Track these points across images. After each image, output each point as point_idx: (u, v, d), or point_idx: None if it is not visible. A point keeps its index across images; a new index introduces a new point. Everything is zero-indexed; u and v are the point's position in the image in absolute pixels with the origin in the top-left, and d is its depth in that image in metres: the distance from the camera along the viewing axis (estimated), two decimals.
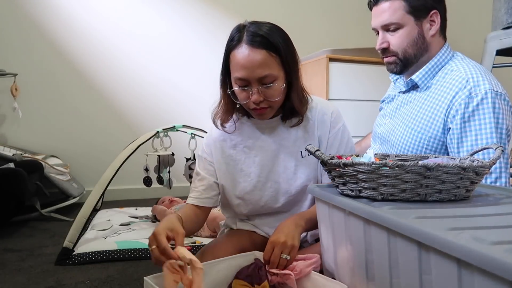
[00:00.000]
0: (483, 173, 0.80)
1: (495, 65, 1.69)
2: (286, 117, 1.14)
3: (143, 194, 2.68)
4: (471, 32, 3.06)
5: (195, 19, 2.89)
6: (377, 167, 0.78)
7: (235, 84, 1.05)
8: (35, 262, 1.45)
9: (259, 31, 1.01)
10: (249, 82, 1.02)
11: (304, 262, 0.96)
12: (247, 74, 1.00)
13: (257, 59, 0.99)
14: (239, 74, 1.01)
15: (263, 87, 1.02)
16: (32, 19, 2.53)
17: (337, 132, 1.16)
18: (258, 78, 1.01)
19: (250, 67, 1.00)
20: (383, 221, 0.70)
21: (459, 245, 0.53)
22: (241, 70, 1.01)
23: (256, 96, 1.02)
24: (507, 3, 1.61)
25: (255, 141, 1.17)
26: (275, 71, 1.02)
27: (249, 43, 1.00)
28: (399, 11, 1.20)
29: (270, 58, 1.00)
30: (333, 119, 1.16)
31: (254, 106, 1.04)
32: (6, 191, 1.84)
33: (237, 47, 1.02)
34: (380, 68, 2.73)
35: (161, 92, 2.82)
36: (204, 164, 1.19)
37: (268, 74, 1.01)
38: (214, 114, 1.16)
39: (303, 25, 3.14)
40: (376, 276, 0.76)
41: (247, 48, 1.00)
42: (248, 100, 1.04)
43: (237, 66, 1.02)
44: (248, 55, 0.99)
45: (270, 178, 1.16)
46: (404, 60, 1.25)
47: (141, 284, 0.99)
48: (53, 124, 2.59)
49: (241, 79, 1.02)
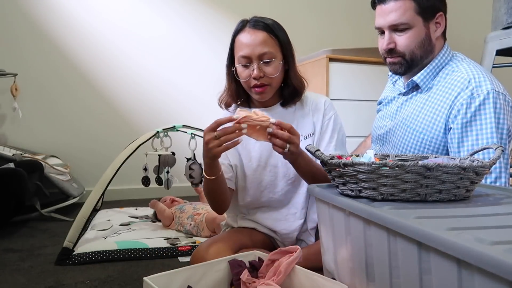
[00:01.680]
0: (483, 173, 0.80)
1: (495, 65, 1.69)
2: (286, 103, 1.25)
3: (143, 194, 2.68)
4: (471, 32, 3.06)
5: (195, 19, 2.89)
6: (377, 167, 0.78)
7: (239, 64, 1.17)
8: (35, 262, 1.45)
9: (261, 19, 1.18)
10: (251, 59, 1.15)
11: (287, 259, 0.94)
12: (249, 51, 1.14)
13: (258, 38, 1.14)
14: (242, 52, 1.15)
15: (263, 64, 1.14)
16: (32, 19, 2.53)
17: (330, 118, 1.26)
18: (259, 55, 1.14)
19: (252, 45, 1.14)
20: (383, 221, 0.70)
21: (459, 245, 0.53)
22: (244, 48, 1.14)
23: (257, 71, 1.13)
24: (507, 3, 1.61)
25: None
26: (274, 50, 1.15)
27: (252, 27, 1.16)
28: (409, 11, 1.18)
29: (269, 38, 1.15)
30: (326, 106, 1.27)
31: (255, 82, 1.15)
32: (6, 191, 1.84)
33: (241, 31, 1.17)
34: (380, 68, 2.73)
35: (161, 92, 2.82)
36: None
37: (268, 51, 1.14)
38: (220, 98, 1.29)
39: (303, 25, 3.14)
40: (376, 276, 0.76)
41: (249, 30, 1.16)
42: (249, 78, 1.15)
43: (241, 46, 1.16)
44: (250, 35, 1.15)
45: (269, 162, 1.24)
46: (410, 61, 1.23)
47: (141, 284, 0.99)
48: (53, 124, 2.59)
49: (244, 57, 1.15)
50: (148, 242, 1.59)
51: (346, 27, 3.26)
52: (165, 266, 1.42)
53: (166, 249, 1.54)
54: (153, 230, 1.82)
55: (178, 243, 1.60)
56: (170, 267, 1.11)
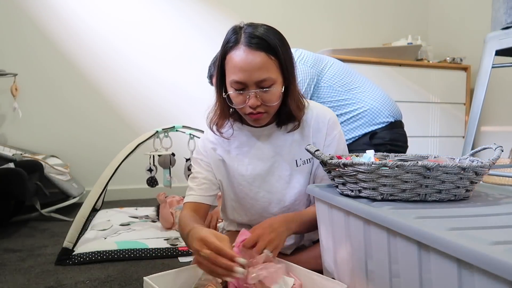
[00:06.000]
0: (483, 173, 0.80)
1: (495, 65, 1.69)
2: (282, 123, 1.10)
3: (143, 194, 2.68)
4: (471, 32, 3.06)
5: (195, 19, 2.89)
6: (377, 167, 0.78)
7: (231, 88, 1.00)
8: (35, 262, 1.45)
9: (256, 33, 0.97)
10: (247, 85, 0.97)
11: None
12: (245, 77, 0.96)
13: (256, 61, 0.95)
14: (236, 77, 0.97)
15: (261, 91, 0.97)
16: (32, 19, 2.52)
17: (332, 139, 1.12)
18: (256, 82, 0.96)
19: (248, 70, 0.95)
20: (383, 221, 0.70)
21: (459, 245, 0.53)
22: (238, 72, 0.96)
23: (253, 100, 0.97)
24: (506, 3, 1.61)
25: (250, 149, 1.13)
26: (274, 75, 0.98)
27: (247, 45, 0.95)
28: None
29: (269, 61, 0.96)
30: (329, 125, 1.12)
31: (250, 110, 1.00)
32: (6, 191, 1.84)
33: (234, 49, 0.97)
34: (380, 68, 2.74)
35: (161, 92, 2.82)
36: (200, 164, 1.16)
37: (267, 77, 0.96)
38: (209, 119, 1.12)
39: (303, 26, 3.13)
40: (376, 276, 0.76)
41: (245, 50, 0.95)
42: (245, 105, 0.99)
43: (234, 69, 0.97)
44: (246, 57, 0.95)
45: (263, 187, 1.13)
46: None
47: (141, 284, 0.99)
48: (53, 124, 2.59)
49: (238, 82, 0.97)
50: (148, 242, 1.59)
51: (346, 27, 3.26)
52: (165, 266, 1.42)
53: (166, 249, 1.54)
54: (153, 230, 1.82)
55: (178, 243, 1.60)
56: (170, 267, 1.11)
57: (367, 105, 1.64)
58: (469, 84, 2.94)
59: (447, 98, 2.93)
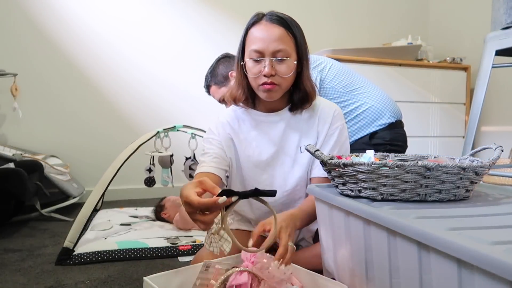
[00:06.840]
0: (483, 173, 0.80)
1: (495, 65, 1.69)
2: (295, 107, 1.16)
3: (143, 194, 2.68)
4: (471, 32, 3.06)
5: (195, 19, 2.89)
6: (377, 167, 0.78)
7: (249, 59, 1.08)
8: (35, 262, 1.45)
9: (277, 13, 1.10)
10: (263, 54, 1.06)
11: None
12: (263, 46, 1.05)
13: (274, 33, 1.05)
14: (255, 46, 1.06)
15: (276, 61, 1.05)
16: (32, 19, 2.52)
17: (335, 129, 1.18)
18: (273, 51, 1.05)
19: (266, 39, 1.05)
20: (383, 221, 0.70)
21: (459, 245, 0.53)
22: (258, 42, 1.05)
23: (269, 68, 1.05)
24: (506, 3, 1.61)
25: (258, 133, 1.19)
26: (289, 49, 1.07)
27: (268, 20, 1.07)
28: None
29: (286, 35, 1.07)
30: (334, 116, 1.18)
31: (264, 80, 1.06)
32: (6, 191, 1.84)
33: (256, 24, 1.08)
34: (380, 68, 2.74)
35: (161, 92, 2.82)
36: (212, 143, 1.19)
37: (283, 48, 1.05)
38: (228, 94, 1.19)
39: (303, 26, 3.11)
40: (376, 276, 0.76)
41: (265, 24, 1.07)
42: (260, 74, 1.06)
43: (254, 39, 1.07)
44: (266, 28, 1.06)
45: (266, 171, 1.19)
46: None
47: (141, 284, 0.99)
48: (53, 124, 2.59)
49: (257, 51, 1.06)
50: (149, 242, 1.59)
51: (346, 27, 3.26)
52: (165, 266, 1.42)
53: (166, 248, 1.54)
54: (153, 230, 1.82)
55: (178, 243, 1.60)
56: (170, 267, 1.11)
57: (369, 105, 1.64)
58: (469, 84, 2.94)
59: (447, 98, 2.93)
